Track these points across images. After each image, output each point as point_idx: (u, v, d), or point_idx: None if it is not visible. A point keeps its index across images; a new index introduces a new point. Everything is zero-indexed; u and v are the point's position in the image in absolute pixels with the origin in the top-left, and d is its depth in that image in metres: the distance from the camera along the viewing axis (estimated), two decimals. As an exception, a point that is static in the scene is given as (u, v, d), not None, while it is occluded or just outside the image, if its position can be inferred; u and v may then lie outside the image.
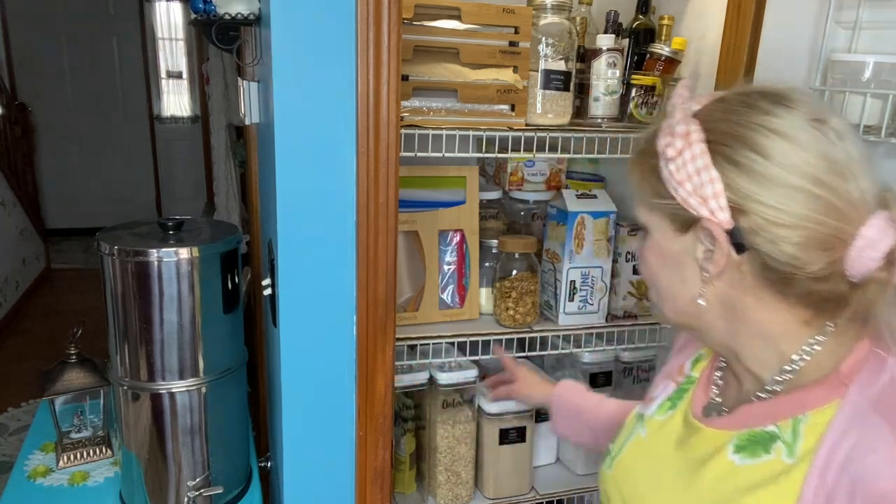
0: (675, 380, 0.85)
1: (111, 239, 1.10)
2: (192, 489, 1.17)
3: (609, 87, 1.32)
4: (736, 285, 0.68)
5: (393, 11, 0.98)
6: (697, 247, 0.68)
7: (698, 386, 0.81)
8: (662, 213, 0.71)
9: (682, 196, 0.67)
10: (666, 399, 0.84)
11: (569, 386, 1.20)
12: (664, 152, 0.67)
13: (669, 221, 0.70)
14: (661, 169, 0.69)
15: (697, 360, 0.85)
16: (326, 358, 1.11)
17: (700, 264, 0.69)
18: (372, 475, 1.16)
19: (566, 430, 1.18)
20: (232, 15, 1.25)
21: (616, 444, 0.88)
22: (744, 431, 0.69)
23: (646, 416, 0.85)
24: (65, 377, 1.30)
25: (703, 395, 0.79)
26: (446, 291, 1.38)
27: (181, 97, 6.19)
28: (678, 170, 0.66)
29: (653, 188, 0.71)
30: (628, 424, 0.88)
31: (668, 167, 0.67)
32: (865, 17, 1.02)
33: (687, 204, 0.67)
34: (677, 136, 0.66)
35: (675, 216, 0.69)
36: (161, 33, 6.00)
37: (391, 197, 1.05)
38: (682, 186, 0.66)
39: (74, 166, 6.06)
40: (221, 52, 3.12)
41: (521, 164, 1.46)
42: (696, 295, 0.70)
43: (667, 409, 0.82)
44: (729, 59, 1.20)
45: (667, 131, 0.68)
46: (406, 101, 1.17)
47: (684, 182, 0.66)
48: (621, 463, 0.85)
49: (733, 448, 0.69)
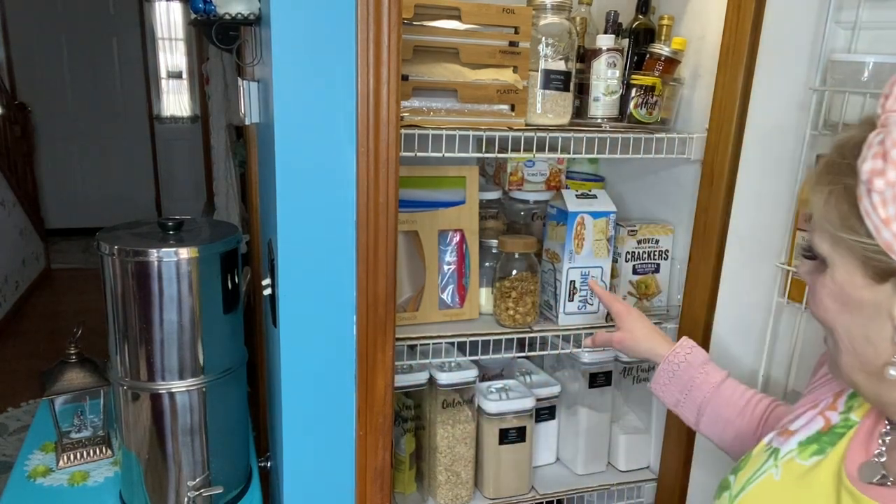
0: (825, 415, 0.71)
1: (111, 239, 1.10)
2: (192, 489, 1.17)
3: (609, 87, 1.32)
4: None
5: (393, 11, 0.98)
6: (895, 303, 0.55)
7: (857, 435, 0.67)
8: (850, 252, 0.57)
9: (885, 239, 0.53)
10: (810, 439, 0.70)
11: (686, 351, 1.02)
12: (869, 180, 0.52)
13: (860, 264, 0.57)
14: (859, 196, 0.54)
15: (856, 396, 0.70)
16: (326, 358, 1.11)
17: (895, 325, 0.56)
18: (372, 475, 1.16)
19: (667, 396, 1.03)
20: (232, 15, 1.25)
21: (739, 479, 0.74)
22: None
23: (782, 453, 0.71)
24: (65, 377, 1.30)
25: (861, 451, 0.65)
26: (446, 291, 1.38)
27: (181, 97, 6.19)
28: (885, 204, 0.52)
29: (842, 217, 0.57)
30: (756, 457, 0.74)
31: (871, 198, 0.53)
32: (865, 17, 1.02)
33: (890, 249, 0.53)
34: (891, 163, 0.51)
35: (869, 260, 0.56)
36: (161, 33, 6.00)
37: (391, 197, 1.05)
38: (888, 227, 0.52)
39: (74, 166, 6.06)
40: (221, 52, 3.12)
41: (521, 164, 1.46)
42: (885, 359, 0.57)
43: (812, 454, 0.68)
44: (729, 59, 1.20)
45: (877, 151, 0.53)
46: (406, 101, 1.17)
47: (891, 222, 0.52)
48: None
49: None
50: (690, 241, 1.34)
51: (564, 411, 1.53)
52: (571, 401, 1.51)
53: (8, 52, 5.46)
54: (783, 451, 0.71)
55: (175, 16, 5.96)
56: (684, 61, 1.37)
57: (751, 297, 1.20)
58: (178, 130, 6.22)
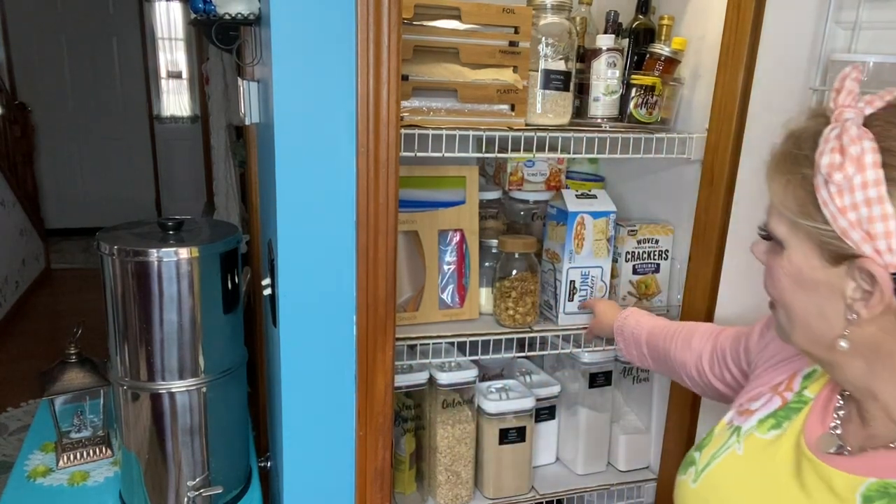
0: (782, 395, 0.76)
1: (111, 239, 1.10)
2: (191, 489, 1.17)
3: (609, 87, 1.32)
4: (888, 330, 0.59)
5: (393, 11, 0.98)
6: (848, 284, 0.59)
7: (813, 410, 0.72)
8: (808, 236, 0.61)
9: (840, 226, 0.57)
10: (769, 415, 0.75)
11: (628, 316, 1.24)
12: (829, 174, 0.56)
13: (816, 248, 0.60)
14: (817, 186, 0.58)
15: (810, 377, 0.76)
16: (326, 358, 1.11)
17: (848, 303, 0.60)
18: (372, 475, 1.16)
19: (632, 358, 1.24)
20: (232, 15, 1.25)
21: (703, 456, 0.79)
22: (873, 480, 0.61)
23: (743, 430, 0.76)
24: (65, 377, 1.30)
25: (818, 425, 0.70)
26: (446, 291, 1.38)
27: (181, 97, 6.19)
28: (841, 195, 0.56)
29: (800, 204, 0.60)
30: (719, 435, 0.79)
31: (829, 188, 0.56)
32: (864, 17, 1.02)
33: (846, 236, 0.57)
34: (848, 158, 0.55)
35: (826, 245, 0.59)
36: (161, 33, 6.00)
37: (391, 197, 1.05)
38: (844, 215, 0.56)
39: (74, 166, 6.06)
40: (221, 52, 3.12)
41: (521, 164, 1.46)
42: (837, 334, 0.62)
43: (770, 428, 0.73)
44: (729, 59, 1.20)
45: (834, 146, 0.56)
46: (406, 101, 1.17)
47: (847, 211, 0.56)
48: (711, 479, 0.76)
49: (861, 498, 0.61)
50: (690, 241, 1.34)
51: (564, 411, 1.53)
52: (571, 401, 1.51)
53: (8, 52, 5.46)
54: (744, 428, 0.76)
55: (175, 16, 5.96)
56: (684, 61, 1.37)
57: (751, 297, 1.20)
58: (178, 130, 6.22)
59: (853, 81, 0.59)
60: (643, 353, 1.21)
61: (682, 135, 1.34)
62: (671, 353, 1.13)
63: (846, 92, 0.58)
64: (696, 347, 1.09)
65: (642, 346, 1.20)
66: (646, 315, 1.25)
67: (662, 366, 1.19)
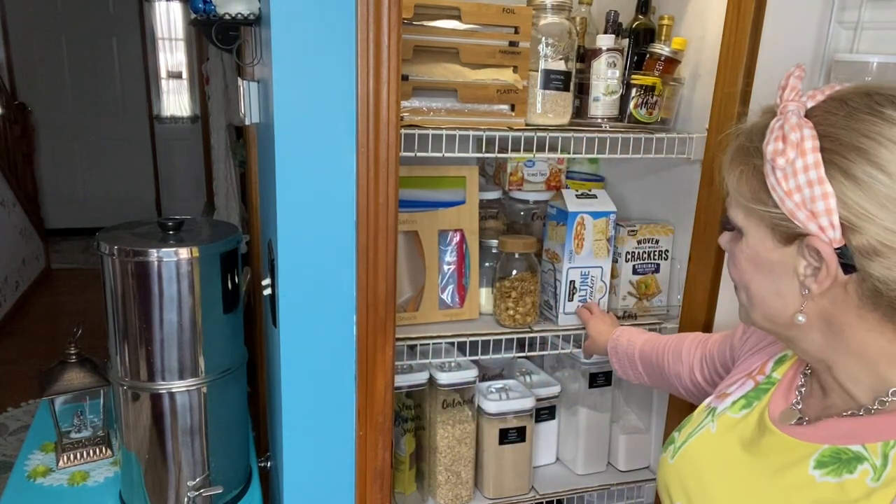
0: (755, 378, 0.82)
1: (111, 239, 1.10)
2: (192, 489, 1.17)
3: (609, 87, 1.32)
4: (838, 304, 0.64)
5: (393, 11, 0.98)
6: (800, 262, 0.64)
7: (778, 389, 0.78)
8: (761, 220, 0.66)
9: (788, 208, 0.62)
10: (741, 397, 0.81)
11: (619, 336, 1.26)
12: (773, 159, 0.62)
13: (769, 230, 0.66)
14: (766, 174, 0.63)
15: (781, 361, 0.82)
16: (326, 358, 1.11)
17: (801, 280, 0.65)
18: (372, 475, 1.16)
19: (628, 377, 1.26)
20: (232, 15, 1.24)
21: (682, 435, 0.85)
22: (826, 447, 0.66)
23: (718, 410, 0.82)
24: (65, 377, 1.30)
25: (782, 400, 0.76)
26: (446, 291, 1.38)
27: (181, 97, 6.19)
28: (786, 179, 0.61)
29: (752, 191, 0.66)
30: (697, 416, 0.85)
31: (776, 174, 0.62)
32: (866, 17, 1.02)
33: (793, 216, 0.62)
34: (790, 144, 0.60)
35: (777, 226, 0.65)
36: (161, 33, 6.00)
37: (391, 197, 1.05)
38: (790, 198, 0.61)
39: (74, 166, 6.06)
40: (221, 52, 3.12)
41: (521, 164, 1.46)
42: (793, 310, 0.67)
43: (741, 408, 0.79)
44: (729, 59, 1.20)
45: (777, 135, 0.62)
46: (406, 101, 1.17)
47: (792, 193, 0.61)
48: (686, 455, 0.82)
49: (815, 463, 0.66)
50: (690, 242, 1.34)
51: (564, 411, 1.53)
52: (571, 401, 1.51)
53: (8, 52, 5.46)
54: (719, 409, 0.82)
55: (175, 16, 5.96)
56: (684, 61, 1.37)
57: (751, 297, 1.20)
58: (178, 130, 6.22)
59: (796, 79, 0.65)
60: (639, 371, 1.22)
61: (682, 135, 1.34)
62: (665, 369, 1.15)
63: (790, 88, 0.65)
64: (687, 359, 1.11)
65: (637, 364, 1.22)
66: (636, 332, 1.25)
67: (659, 381, 1.20)
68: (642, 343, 1.22)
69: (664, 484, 0.84)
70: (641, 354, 1.21)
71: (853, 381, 0.67)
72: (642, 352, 1.21)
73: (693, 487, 0.78)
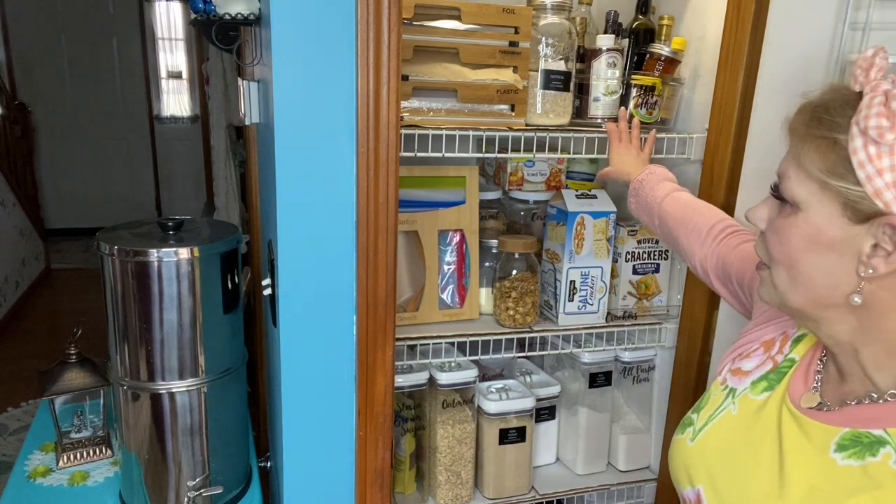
0: (773, 358, 0.81)
1: (111, 239, 1.10)
2: (191, 489, 1.17)
3: (609, 87, 1.32)
4: (892, 288, 0.64)
5: (393, 11, 0.98)
6: (867, 241, 0.63)
7: (797, 371, 0.77)
8: (835, 196, 0.64)
9: (876, 186, 0.60)
10: (762, 378, 0.80)
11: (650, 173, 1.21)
12: (878, 135, 0.60)
13: (840, 206, 0.64)
14: (854, 149, 0.61)
15: (799, 340, 0.81)
16: (326, 358, 1.11)
17: (864, 260, 0.63)
18: (372, 475, 1.16)
19: (642, 221, 1.25)
20: (232, 15, 1.25)
21: (701, 416, 0.84)
22: (847, 430, 0.67)
23: (738, 392, 0.81)
24: (65, 377, 1.30)
25: (801, 384, 0.76)
26: (446, 291, 1.38)
27: (181, 97, 6.19)
28: (881, 157, 0.60)
29: (828, 164, 0.64)
30: (715, 397, 0.84)
31: (868, 150, 0.60)
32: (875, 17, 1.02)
33: (879, 196, 0.60)
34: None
35: (853, 203, 0.63)
36: (161, 33, 6.00)
37: (391, 197, 1.05)
38: (881, 176, 0.60)
39: (74, 166, 6.05)
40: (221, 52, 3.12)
41: (521, 164, 1.46)
42: (844, 290, 0.65)
43: (762, 391, 0.79)
44: (729, 59, 1.20)
45: (881, 111, 0.60)
46: (406, 101, 1.17)
47: (884, 172, 0.60)
48: (709, 437, 0.81)
49: (835, 446, 0.67)
50: (690, 241, 1.34)
51: (564, 411, 1.53)
52: (571, 401, 1.51)
53: (8, 52, 5.46)
54: (739, 389, 0.81)
55: (175, 16, 5.96)
56: (684, 61, 1.37)
57: (751, 297, 1.20)
58: (178, 130, 6.22)
59: (883, 59, 0.64)
60: (654, 223, 1.20)
61: (682, 135, 1.34)
62: (679, 239, 1.13)
63: (877, 68, 0.64)
64: (702, 247, 1.09)
65: (653, 217, 1.19)
66: (660, 182, 1.20)
67: (668, 242, 1.19)
68: (663, 199, 1.17)
69: (683, 466, 0.83)
70: (661, 212, 1.17)
71: (877, 367, 0.67)
72: (662, 210, 1.17)
73: (718, 471, 0.78)
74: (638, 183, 1.22)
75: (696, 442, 0.82)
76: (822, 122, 0.65)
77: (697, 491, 0.79)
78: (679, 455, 0.84)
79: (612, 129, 1.29)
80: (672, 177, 1.22)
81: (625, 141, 1.28)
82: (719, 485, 0.77)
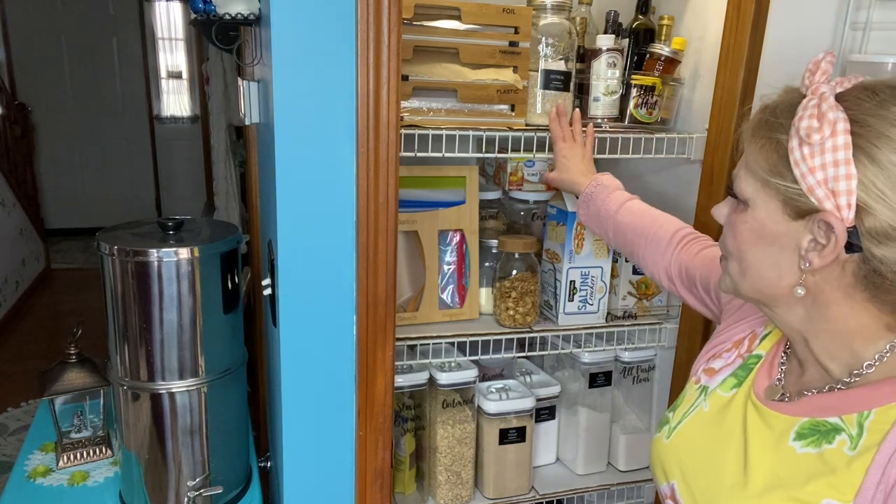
0: (742, 356, 0.85)
1: (111, 239, 1.10)
2: (191, 489, 1.17)
3: (609, 87, 1.32)
4: (831, 281, 0.67)
5: (393, 11, 0.98)
6: (805, 236, 0.66)
7: (763, 365, 0.81)
8: (775, 193, 0.68)
9: (809, 183, 0.64)
10: (731, 375, 0.83)
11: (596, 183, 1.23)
12: (805, 135, 0.63)
13: (781, 203, 0.68)
14: (791, 149, 0.65)
15: (765, 337, 0.84)
16: (326, 358, 1.11)
17: (802, 254, 0.67)
18: (372, 475, 1.16)
19: (589, 224, 1.27)
20: (232, 15, 1.25)
21: (676, 414, 0.87)
22: (805, 419, 0.70)
23: (710, 389, 0.84)
24: (65, 377, 1.30)
25: (765, 378, 0.79)
26: (446, 291, 1.38)
27: (181, 97, 6.19)
28: (813, 156, 0.63)
29: (771, 164, 0.67)
30: (690, 396, 0.88)
31: (803, 150, 0.64)
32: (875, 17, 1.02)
33: (812, 193, 0.64)
34: (825, 123, 0.62)
35: (791, 200, 0.66)
36: (161, 33, 6.00)
37: (391, 197, 1.05)
38: (813, 174, 0.63)
39: (74, 166, 6.06)
40: (221, 52, 3.12)
41: (521, 164, 1.46)
42: (787, 282, 0.69)
43: (731, 387, 0.82)
44: (729, 58, 1.20)
45: (813, 112, 0.63)
46: (406, 101, 1.17)
47: (816, 170, 0.63)
48: (681, 434, 0.84)
49: (794, 435, 0.70)
50: (690, 241, 1.34)
51: (564, 411, 1.53)
52: (571, 401, 1.51)
53: (8, 52, 5.46)
54: (710, 388, 0.85)
55: (175, 16, 5.96)
56: (684, 61, 1.37)
57: (751, 297, 1.20)
58: (178, 130, 6.22)
59: (828, 64, 0.68)
60: (607, 234, 1.22)
61: (682, 135, 1.34)
62: (636, 250, 1.16)
63: (821, 72, 0.67)
64: (664, 256, 1.12)
65: (607, 229, 1.21)
66: (614, 194, 1.21)
67: (627, 254, 1.21)
68: (617, 210, 1.19)
69: (660, 462, 0.86)
70: (616, 224, 1.19)
71: (829, 357, 0.71)
72: (617, 222, 1.19)
73: (689, 466, 0.81)
74: (587, 196, 1.24)
75: (671, 439, 0.85)
76: (768, 123, 0.69)
77: (672, 486, 0.83)
78: (655, 452, 0.88)
79: (554, 129, 1.27)
80: (620, 184, 1.24)
81: (568, 140, 1.28)
82: (690, 478, 0.80)
